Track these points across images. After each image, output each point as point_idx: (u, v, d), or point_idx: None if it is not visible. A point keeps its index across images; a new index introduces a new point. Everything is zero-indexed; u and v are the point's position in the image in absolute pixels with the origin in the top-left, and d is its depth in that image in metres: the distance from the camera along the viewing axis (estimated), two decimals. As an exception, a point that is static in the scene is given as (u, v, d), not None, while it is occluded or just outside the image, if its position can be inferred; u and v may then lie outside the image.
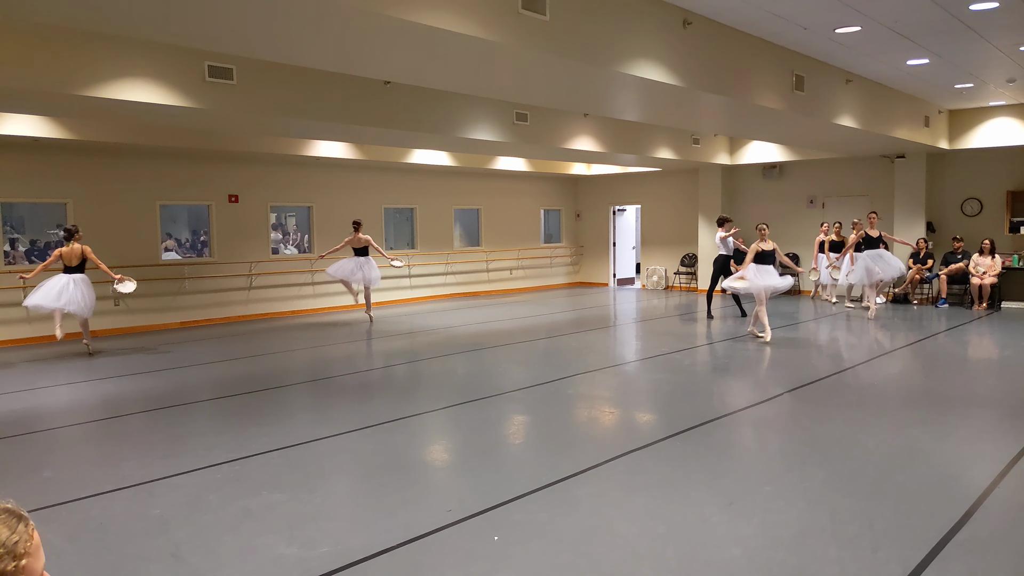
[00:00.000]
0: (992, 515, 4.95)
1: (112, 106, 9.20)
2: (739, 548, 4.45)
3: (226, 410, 8.25)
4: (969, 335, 12.97)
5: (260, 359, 11.36)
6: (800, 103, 11.17)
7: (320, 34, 6.61)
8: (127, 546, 4.68)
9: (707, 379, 9.79)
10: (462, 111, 12.64)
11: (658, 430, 7.23)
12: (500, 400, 8.49)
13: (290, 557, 4.46)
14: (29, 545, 1.46)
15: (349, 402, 8.46)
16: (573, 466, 6.04)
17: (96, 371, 10.55)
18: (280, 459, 6.39)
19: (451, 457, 6.78)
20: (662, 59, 8.59)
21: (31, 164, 13.30)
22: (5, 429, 7.52)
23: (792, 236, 19.31)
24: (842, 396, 8.63)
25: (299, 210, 17.89)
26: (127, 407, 8.42)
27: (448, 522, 4.92)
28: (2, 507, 1.47)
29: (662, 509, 5.12)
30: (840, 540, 4.53)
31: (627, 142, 16.22)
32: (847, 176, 18.94)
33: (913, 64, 11.64)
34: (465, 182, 20.62)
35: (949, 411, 7.68)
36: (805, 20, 9.22)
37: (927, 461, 6.14)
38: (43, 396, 9.02)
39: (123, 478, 5.93)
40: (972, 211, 17.35)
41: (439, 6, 6.27)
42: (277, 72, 9.96)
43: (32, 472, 6.19)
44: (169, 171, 15.06)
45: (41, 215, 14.55)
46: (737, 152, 19.55)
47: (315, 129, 12.08)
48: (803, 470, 5.95)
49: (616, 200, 23.24)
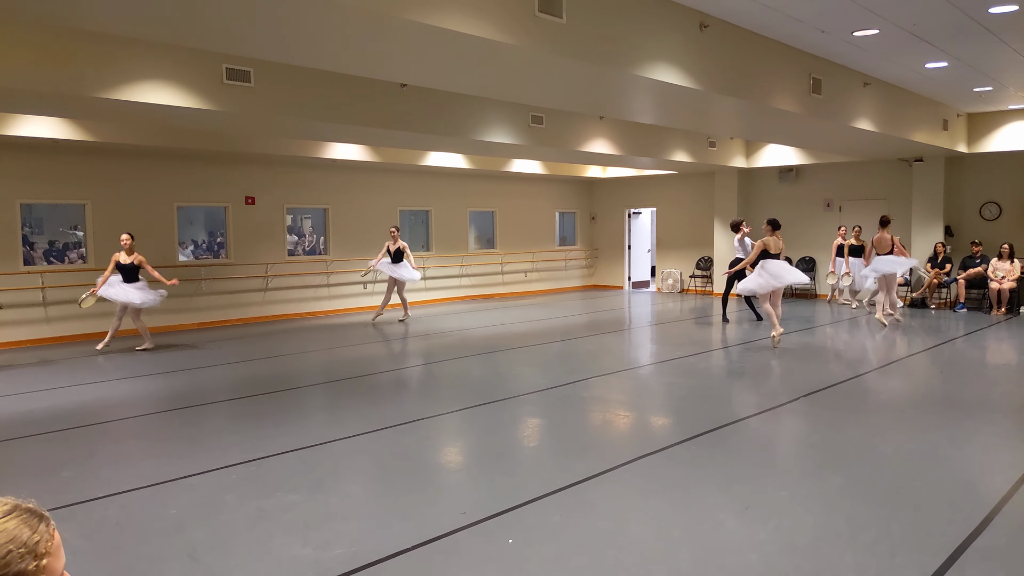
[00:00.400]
0: (1011, 522, 4.90)
1: (131, 108, 9.27)
2: (755, 553, 4.43)
3: (242, 411, 8.29)
4: (988, 340, 12.87)
5: (276, 360, 11.40)
6: (817, 106, 11.12)
7: (337, 37, 6.63)
8: (144, 546, 4.70)
9: (722, 383, 9.76)
10: (478, 113, 12.66)
11: (673, 434, 7.20)
12: (514, 403, 8.49)
13: (305, 558, 4.47)
14: (50, 545, 1.47)
15: (364, 403, 8.48)
16: (588, 469, 6.03)
17: (114, 371, 10.62)
18: (296, 460, 6.41)
19: (465, 459, 6.78)
20: (679, 62, 8.57)
21: (50, 166, 13.42)
22: (25, 428, 7.58)
23: (809, 240, 19.23)
24: (859, 401, 8.58)
25: (315, 212, 17.96)
26: (144, 407, 8.47)
27: (462, 524, 4.92)
28: (24, 507, 1.47)
29: (677, 513, 5.11)
30: (857, 546, 4.50)
31: (643, 145, 16.19)
32: (864, 180, 18.85)
33: (931, 67, 11.58)
34: (480, 184, 20.64)
35: (967, 417, 7.62)
36: (823, 23, 9.18)
37: (945, 467, 6.10)
38: (61, 396, 9.08)
39: (140, 478, 5.96)
40: (991, 215, 17.23)
41: (456, 9, 6.28)
42: (294, 74, 10.00)
43: (51, 471, 6.23)
44: (186, 173, 15.16)
45: (60, 216, 14.65)
46: (753, 155, 19.48)
47: (331, 131, 12.12)
48: (819, 475, 5.91)
49: (631, 203, 23.20)
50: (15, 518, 1.44)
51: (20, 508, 1.46)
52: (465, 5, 6.35)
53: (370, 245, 17.88)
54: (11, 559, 1.38)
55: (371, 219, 18.17)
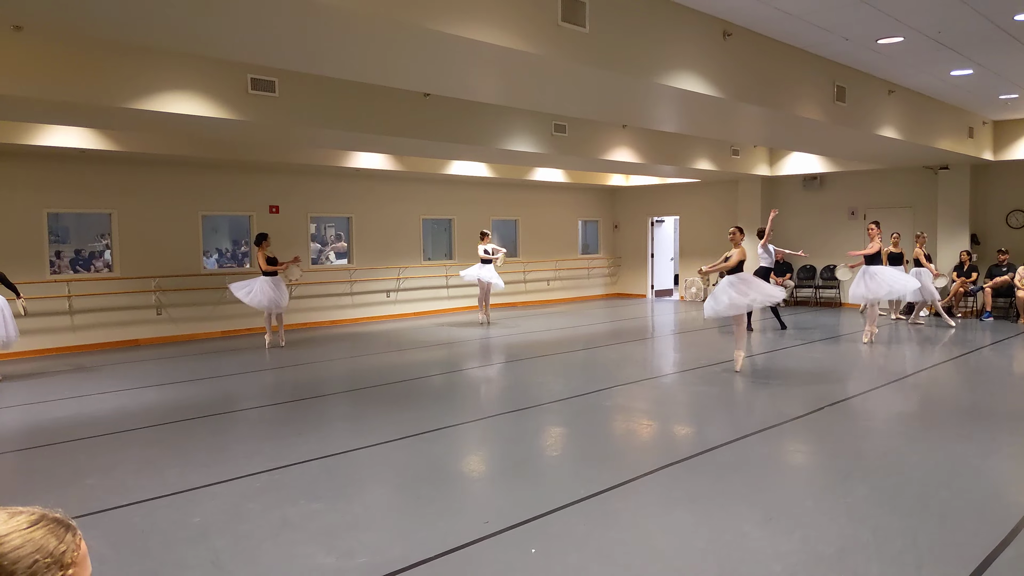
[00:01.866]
0: (1040, 534, 4.84)
1: (157, 118, 9.37)
2: (779, 564, 4.39)
3: (266, 419, 8.33)
4: (1015, 349, 12.72)
5: (299, 368, 11.45)
6: (842, 114, 11.06)
7: (361, 47, 6.68)
8: (168, 554, 4.73)
9: (746, 392, 9.69)
10: (501, 123, 12.69)
11: (696, 444, 7.17)
12: (538, 411, 8.47)
13: (328, 567, 4.48)
14: (76, 555, 1.47)
15: (387, 412, 8.50)
16: (611, 479, 6.01)
17: (139, 379, 10.71)
18: (319, 468, 6.43)
19: (488, 468, 6.78)
20: (702, 70, 8.55)
21: (77, 175, 13.57)
22: (51, 436, 7.66)
23: (833, 248, 19.08)
24: (884, 410, 8.51)
25: (338, 220, 18.04)
26: (169, 415, 8.52)
27: (486, 534, 4.91)
28: (51, 516, 1.47)
29: (701, 524, 5.08)
30: (883, 557, 4.45)
31: (666, 153, 16.17)
32: (889, 187, 18.71)
33: (957, 75, 11.49)
34: (503, 193, 20.66)
35: (994, 427, 7.53)
36: (847, 31, 9.14)
37: (972, 477, 6.02)
38: (86, 404, 9.16)
39: (165, 486, 6.00)
40: (1017, 223, 17.05)
41: (479, 19, 6.31)
42: (318, 84, 10.07)
43: (76, 479, 6.29)
44: (211, 182, 15.29)
45: (86, 225, 14.81)
46: (777, 163, 19.39)
47: (355, 140, 12.18)
48: (844, 485, 5.86)
49: (654, 211, 23.15)
50: (42, 527, 1.44)
51: (47, 518, 1.47)
52: (488, 15, 6.38)
53: (393, 254, 17.94)
54: (37, 569, 1.38)
55: (394, 228, 18.24)
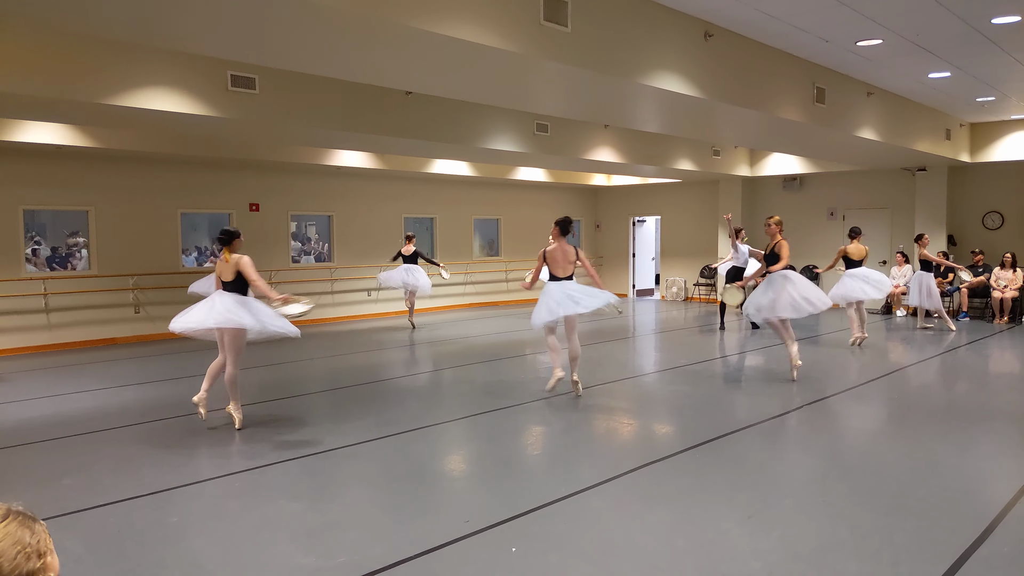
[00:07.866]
0: (1014, 530, 4.89)
1: (135, 115, 9.29)
2: (759, 562, 4.41)
3: (245, 418, 8.28)
4: (990, 349, 12.85)
5: (278, 367, 11.40)
6: (821, 115, 11.13)
7: (342, 45, 6.65)
8: (145, 554, 4.70)
9: (726, 391, 9.74)
10: (483, 121, 12.68)
11: (677, 442, 7.20)
12: (518, 410, 8.47)
13: (308, 567, 4.47)
14: (48, 543, 1.53)
15: (367, 411, 8.48)
16: (592, 478, 6.02)
17: (117, 378, 10.62)
18: (298, 468, 6.41)
19: (469, 467, 6.77)
20: (683, 71, 8.58)
21: (54, 172, 13.43)
22: (25, 436, 7.59)
23: (811, 248, 19.20)
24: (862, 409, 8.58)
25: (319, 219, 17.97)
26: (147, 414, 8.46)
27: (466, 533, 4.91)
28: (16, 510, 1.53)
29: (681, 522, 5.10)
30: (861, 554, 4.49)
31: (647, 153, 16.22)
32: (868, 188, 18.85)
33: (935, 77, 11.59)
34: (485, 192, 20.66)
35: (970, 425, 7.61)
36: (827, 33, 9.19)
37: (948, 475, 6.08)
38: (63, 403, 9.08)
39: (142, 486, 5.95)
40: (993, 224, 17.23)
41: (462, 17, 6.30)
42: (299, 81, 10.02)
43: (52, 479, 6.23)
44: (190, 179, 15.18)
45: (63, 223, 14.67)
46: (757, 164, 19.50)
47: (336, 138, 12.14)
48: (823, 484, 5.90)
49: (636, 211, 23.22)
50: (13, 521, 1.49)
51: (14, 511, 1.51)
52: (471, 13, 6.37)
53: (374, 253, 17.89)
54: (20, 560, 1.43)
55: (376, 226, 18.20)
